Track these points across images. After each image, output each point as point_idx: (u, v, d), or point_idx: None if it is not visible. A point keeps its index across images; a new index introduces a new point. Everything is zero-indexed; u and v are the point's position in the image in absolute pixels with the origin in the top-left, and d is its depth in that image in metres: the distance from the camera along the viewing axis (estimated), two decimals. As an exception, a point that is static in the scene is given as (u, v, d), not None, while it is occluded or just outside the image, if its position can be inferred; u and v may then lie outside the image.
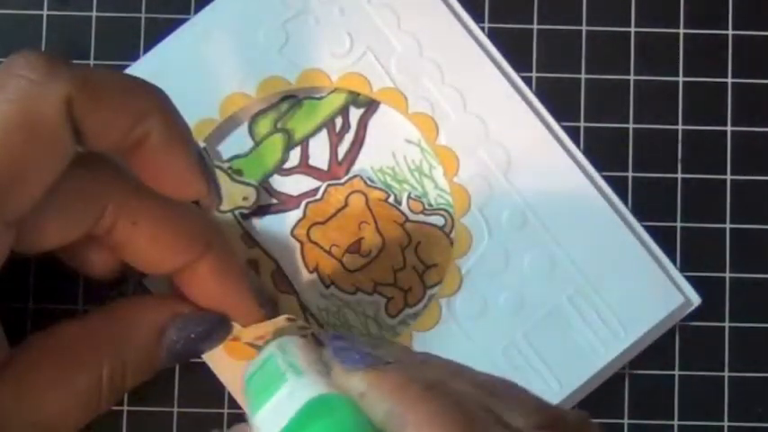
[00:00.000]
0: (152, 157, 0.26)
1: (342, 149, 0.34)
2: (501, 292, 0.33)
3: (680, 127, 0.35)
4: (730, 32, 0.35)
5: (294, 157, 0.34)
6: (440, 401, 0.21)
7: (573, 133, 0.35)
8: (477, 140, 0.34)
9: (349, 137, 0.34)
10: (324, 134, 0.34)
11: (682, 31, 0.35)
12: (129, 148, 0.26)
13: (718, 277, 0.34)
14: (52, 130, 0.24)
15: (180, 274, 0.29)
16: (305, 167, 0.34)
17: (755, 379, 0.34)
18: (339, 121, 0.34)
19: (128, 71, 0.34)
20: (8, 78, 0.24)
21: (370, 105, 0.34)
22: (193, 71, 0.34)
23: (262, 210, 0.34)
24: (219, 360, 0.32)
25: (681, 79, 0.35)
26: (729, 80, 0.35)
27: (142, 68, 0.33)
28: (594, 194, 0.34)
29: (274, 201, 0.34)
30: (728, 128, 0.35)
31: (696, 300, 0.34)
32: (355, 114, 0.34)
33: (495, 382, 0.24)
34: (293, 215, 0.34)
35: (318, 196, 0.34)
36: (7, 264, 0.25)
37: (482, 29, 0.35)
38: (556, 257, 0.33)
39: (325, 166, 0.34)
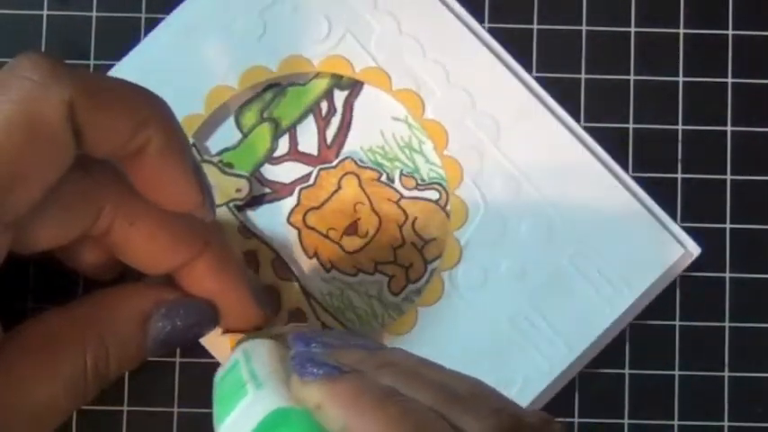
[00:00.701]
0: (150, 165, 0.26)
1: (330, 133, 0.34)
2: (501, 261, 0.33)
3: (680, 127, 0.35)
4: (730, 32, 0.35)
5: (283, 144, 0.34)
6: (391, 411, 0.22)
7: (573, 134, 0.35)
8: (464, 111, 0.34)
9: (336, 120, 0.34)
10: (311, 119, 0.34)
11: (682, 31, 0.35)
12: (129, 156, 0.26)
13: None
14: (53, 132, 0.24)
15: (178, 272, 0.29)
16: (295, 154, 0.34)
17: (755, 379, 0.34)
18: (324, 105, 0.34)
19: (111, 72, 0.34)
20: (12, 79, 0.24)
21: (354, 87, 0.34)
22: (175, 68, 0.34)
23: (256, 200, 0.34)
24: (222, 348, 0.32)
25: (681, 79, 0.35)
26: (729, 80, 0.35)
27: (125, 69, 0.33)
28: (585, 154, 0.34)
29: (267, 190, 0.34)
30: (728, 128, 0.35)
31: (696, 250, 0.34)
32: (340, 97, 0.34)
33: (457, 383, 0.24)
34: (288, 203, 0.34)
35: (311, 182, 0.34)
36: (5, 264, 0.25)
37: (482, 28, 0.35)
38: (553, 221, 0.33)
39: (314, 151, 0.34)
